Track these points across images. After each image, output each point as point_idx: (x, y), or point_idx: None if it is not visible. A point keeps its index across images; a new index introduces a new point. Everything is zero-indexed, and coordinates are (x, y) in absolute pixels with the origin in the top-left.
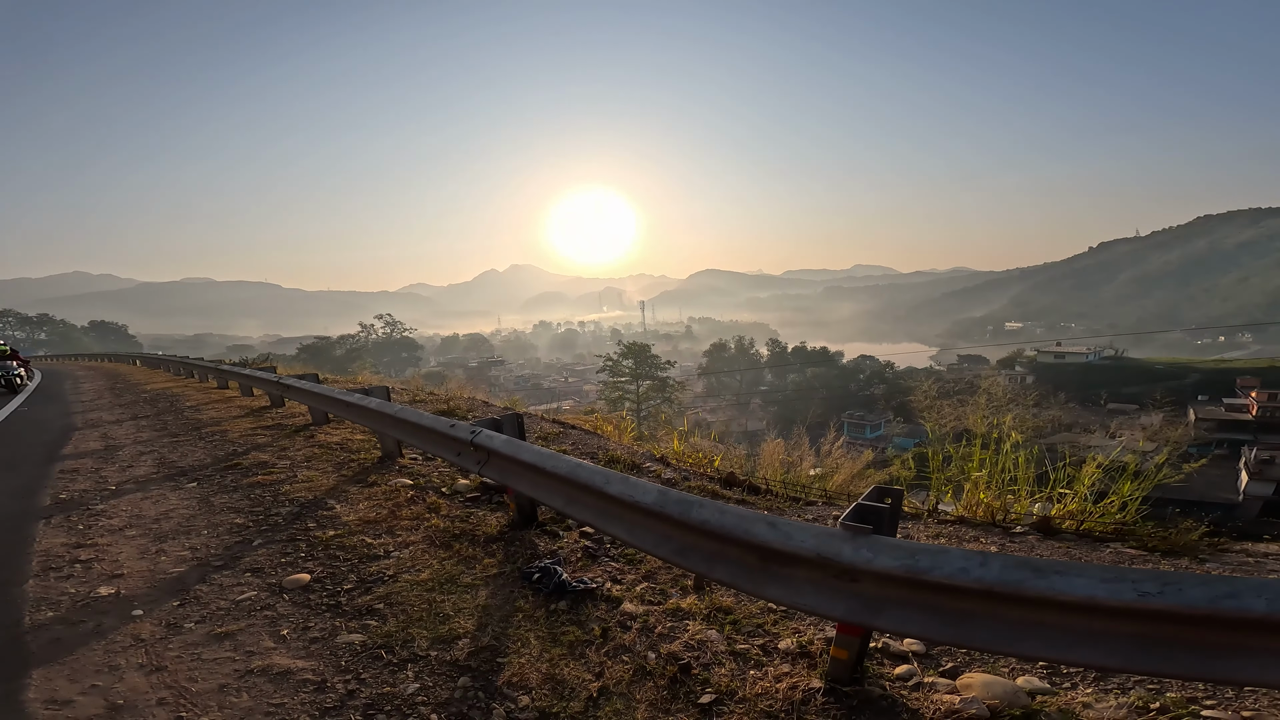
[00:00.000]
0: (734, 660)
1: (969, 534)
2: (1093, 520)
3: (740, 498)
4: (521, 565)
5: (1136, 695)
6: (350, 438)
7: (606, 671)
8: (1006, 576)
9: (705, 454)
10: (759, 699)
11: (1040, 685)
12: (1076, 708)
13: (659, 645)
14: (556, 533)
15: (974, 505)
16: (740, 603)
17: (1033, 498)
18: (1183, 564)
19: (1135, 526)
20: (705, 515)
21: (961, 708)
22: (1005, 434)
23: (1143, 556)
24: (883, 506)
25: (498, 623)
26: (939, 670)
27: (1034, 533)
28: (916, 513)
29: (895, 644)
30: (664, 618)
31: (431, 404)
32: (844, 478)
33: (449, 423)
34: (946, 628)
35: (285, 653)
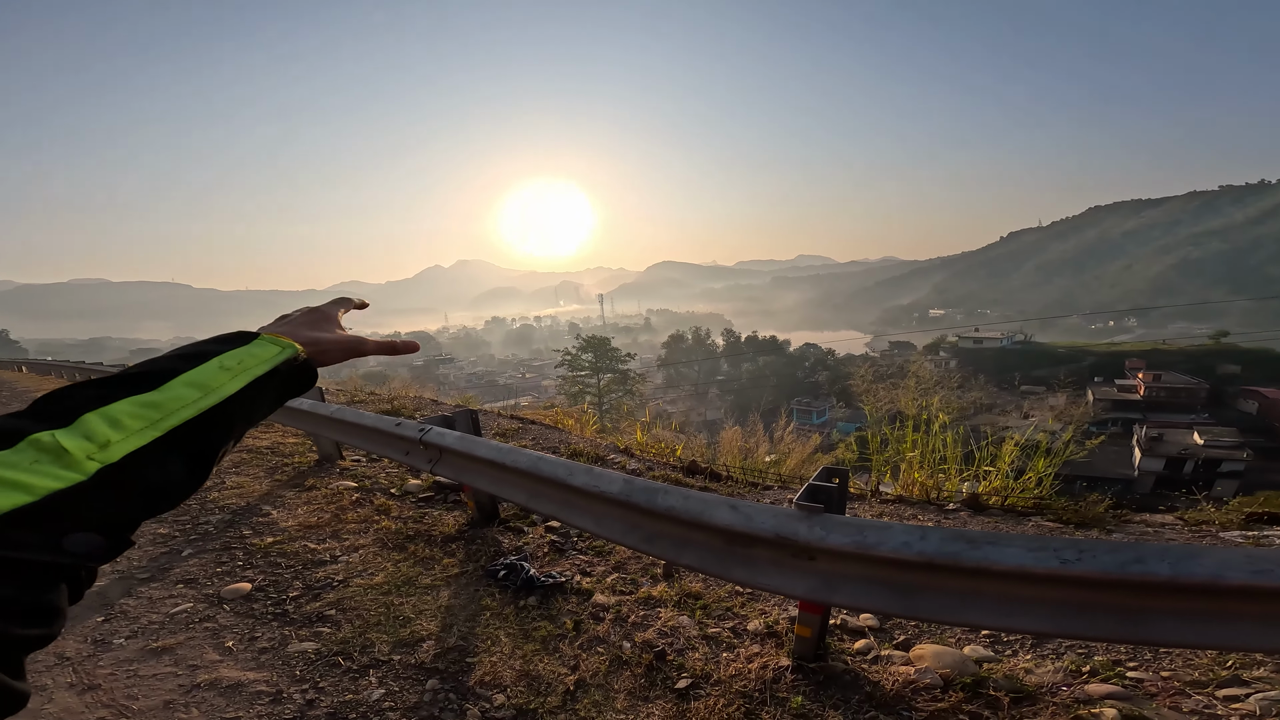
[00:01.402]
0: (707, 644)
1: (908, 512)
2: (1015, 496)
3: (703, 485)
4: (485, 563)
5: (1069, 660)
6: (281, 441)
7: (582, 664)
8: (944, 549)
9: (668, 444)
10: (733, 680)
11: (986, 653)
12: (1019, 673)
13: (633, 634)
14: (521, 529)
15: (910, 485)
16: (709, 587)
17: (961, 476)
18: (1093, 534)
19: (1051, 501)
20: (671, 502)
21: (917, 678)
22: (934, 416)
23: (1059, 528)
24: (831, 486)
25: (464, 623)
26: (893, 643)
27: (965, 509)
28: (861, 493)
29: (853, 620)
30: (636, 607)
31: (373, 404)
32: (795, 462)
33: (394, 421)
34: (896, 601)
35: (233, 665)
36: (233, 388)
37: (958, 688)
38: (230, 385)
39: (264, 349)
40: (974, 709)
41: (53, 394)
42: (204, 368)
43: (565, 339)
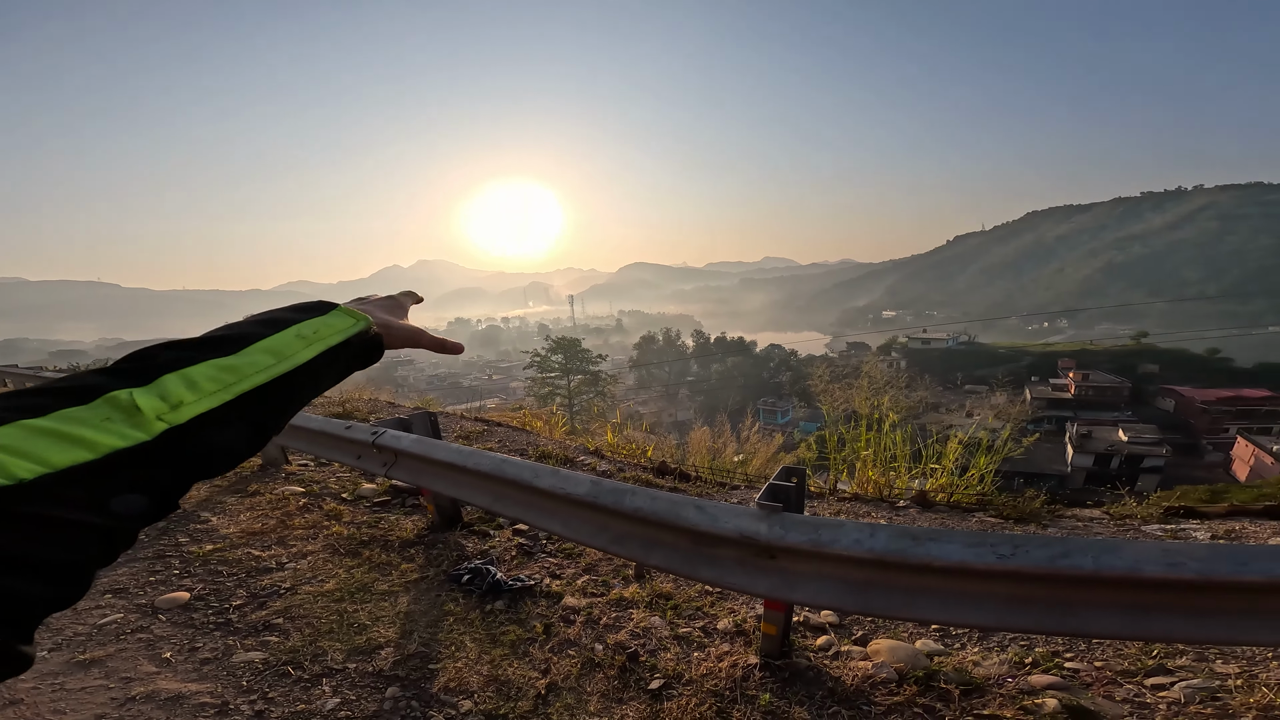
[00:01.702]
0: (678, 644)
1: (863, 509)
2: (960, 493)
3: (673, 485)
4: (448, 568)
5: (1013, 652)
6: None
7: (553, 667)
8: (892, 546)
9: (638, 445)
10: (704, 679)
11: (936, 647)
12: (968, 665)
13: (605, 636)
14: (486, 532)
15: (865, 483)
16: (680, 587)
17: (911, 474)
18: (1030, 529)
19: (993, 497)
20: (639, 503)
21: (874, 672)
22: (884, 415)
23: (1000, 524)
24: (790, 485)
25: (425, 629)
26: (852, 639)
27: (914, 506)
28: (820, 492)
29: (814, 616)
30: (608, 608)
31: (322, 406)
32: (761, 461)
33: (344, 424)
34: (850, 597)
35: (172, 676)
36: (306, 356)
37: (911, 681)
38: (304, 353)
39: (340, 319)
40: (927, 702)
41: (139, 352)
42: (282, 334)
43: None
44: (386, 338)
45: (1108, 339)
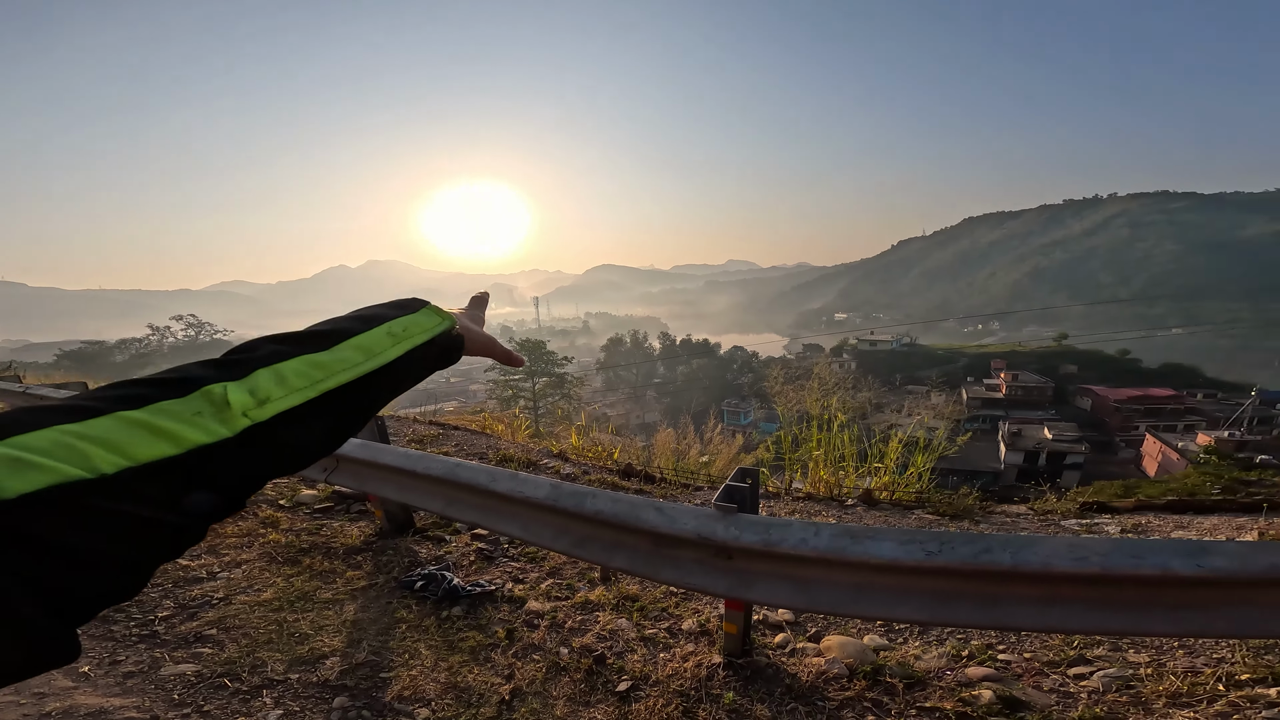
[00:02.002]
0: (645, 646)
1: (814, 508)
2: (901, 490)
3: (638, 487)
4: (399, 574)
5: (950, 645)
6: None
7: (517, 672)
8: (833, 544)
9: (604, 447)
10: (671, 679)
11: (882, 642)
12: (910, 659)
13: (571, 640)
14: (442, 537)
15: (817, 482)
16: (646, 589)
17: (859, 472)
18: (964, 525)
19: (930, 495)
20: (599, 505)
21: (827, 668)
22: (833, 415)
23: (937, 520)
24: (744, 486)
25: (375, 637)
26: (807, 636)
27: (861, 504)
28: (777, 492)
29: (773, 615)
30: (573, 612)
31: None
32: (724, 461)
33: None
34: (799, 595)
35: (92, 691)
36: (393, 354)
37: (860, 676)
38: (392, 351)
39: (428, 318)
40: (875, 696)
41: (245, 344)
42: (374, 331)
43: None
44: (466, 342)
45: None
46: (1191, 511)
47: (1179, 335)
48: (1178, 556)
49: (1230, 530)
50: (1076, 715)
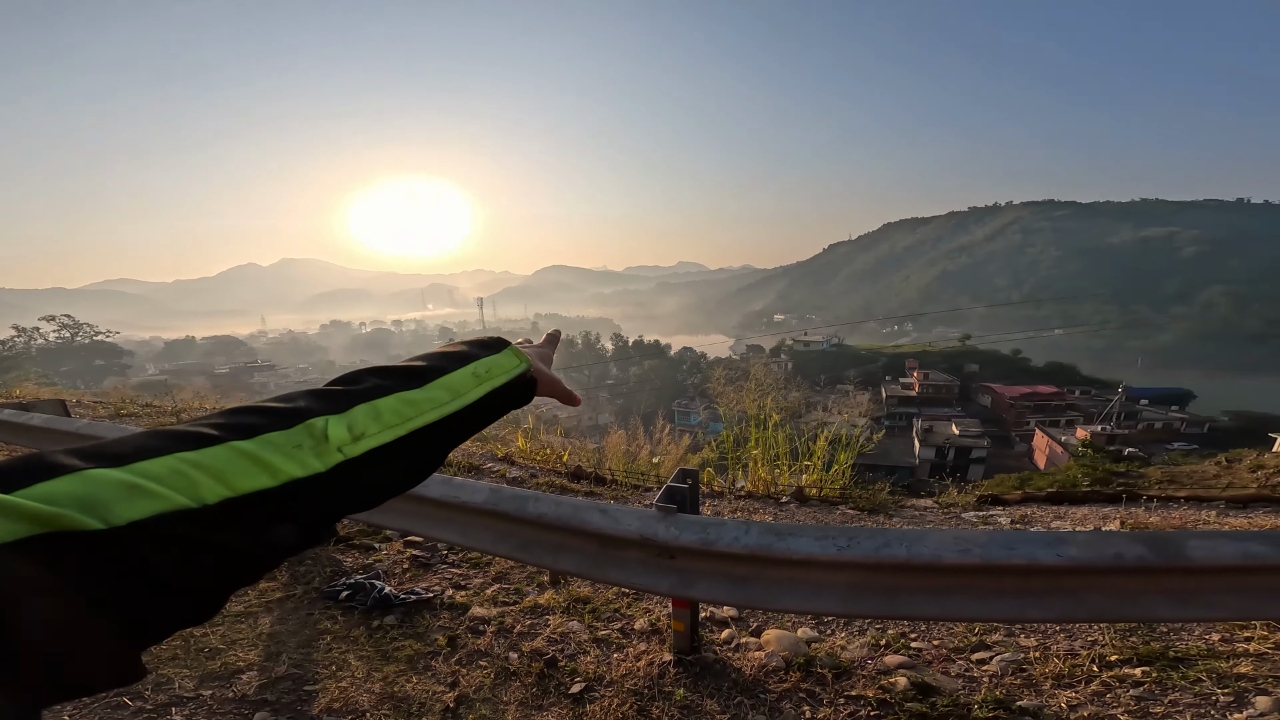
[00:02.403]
0: (598, 647)
1: (754, 506)
2: (828, 487)
3: (589, 489)
4: (321, 585)
5: (870, 635)
6: None
7: (462, 679)
8: (761, 542)
9: (554, 450)
10: (625, 679)
11: (813, 634)
12: (837, 650)
13: (520, 644)
14: (370, 545)
15: (756, 481)
16: (598, 591)
17: (792, 470)
18: (880, 519)
19: (852, 491)
20: (542, 509)
21: (766, 661)
22: (769, 415)
23: (858, 515)
24: (684, 487)
25: (295, 649)
26: (749, 631)
27: (794, 501)
28: (722, 491)
29: (719, 611)
30: (522, 616)
31: (148, 418)
32: (672, 462)
33: None
34: (734, 591)
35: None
36: (475, 395)
37: (795, 668)
38: (475, 392)
39: (508, 359)
40: (809, 686)
41: (349, 375)
42: (461, 371)
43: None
44: (538, 383)
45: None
46: (1068, 502)
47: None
48: (1042, 547)
49: (1097, 520)
50: (980, 698)
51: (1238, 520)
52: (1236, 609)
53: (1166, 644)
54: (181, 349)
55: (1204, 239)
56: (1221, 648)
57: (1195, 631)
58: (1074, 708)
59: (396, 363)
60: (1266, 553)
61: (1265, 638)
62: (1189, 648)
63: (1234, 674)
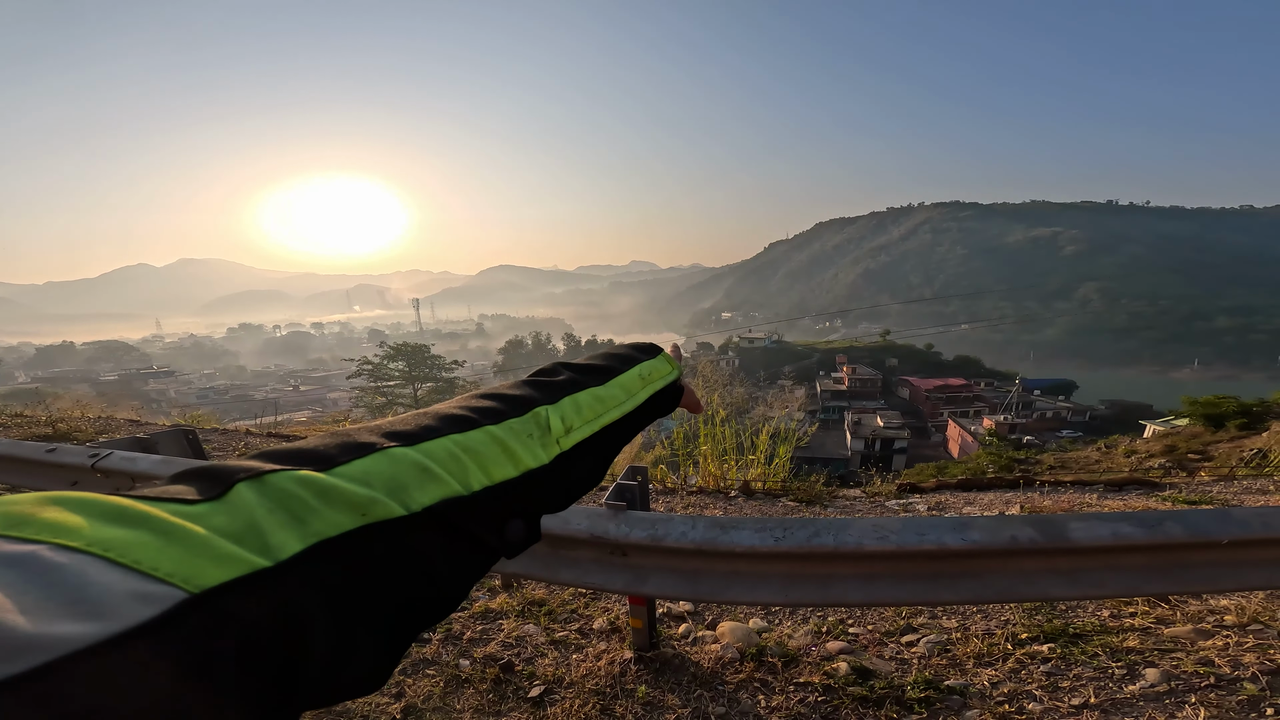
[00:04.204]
0: (555, 649)
1: (705, 501)
2: (771, 480)
3: None
4: None
5: (813, 623)
6: None
7: (408, 690)
8: (707, 535)
9: None
10: (585, 679)
11: (763, 625)
12: (785, 639)
13: (471, 650)
14: None
15: (707, 476)
16: (553, 592)
17: (740, 465)
18: (816, 509)
19: (792, 483)
20: None
21: (722, 653)
22: (715, 411)
23: (797, 507)
24: (634, 484)
25: None
26: (705, 624)
27: (741, 494)
28: (674, 488)
29: (675, 607)
30: (472, 622)
31: (20, 427)
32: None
33: (45, 447)
34: (685, 586)
35: None
36: (642, 396)
37: (749, 658)
38: (642, 394)
39: (664, 364)
40: (761, 675)
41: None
42: (631, 372)
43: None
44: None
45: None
46: (976, 489)
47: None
48: (948, 532)
49: (1001, 504)
50: (911, 679)
51: (1114, 502)
52: (1116, 587)
53: (1066, 621)
54: (57, 355)
55: (1081, 238)
56: (1111, 623)
57: (1089, 609)
58: (995, 685)
59: (581, 360)
60: (1135, 533)
61: (1147, 613)
62: (1085, 624)
63: (1124, 648)
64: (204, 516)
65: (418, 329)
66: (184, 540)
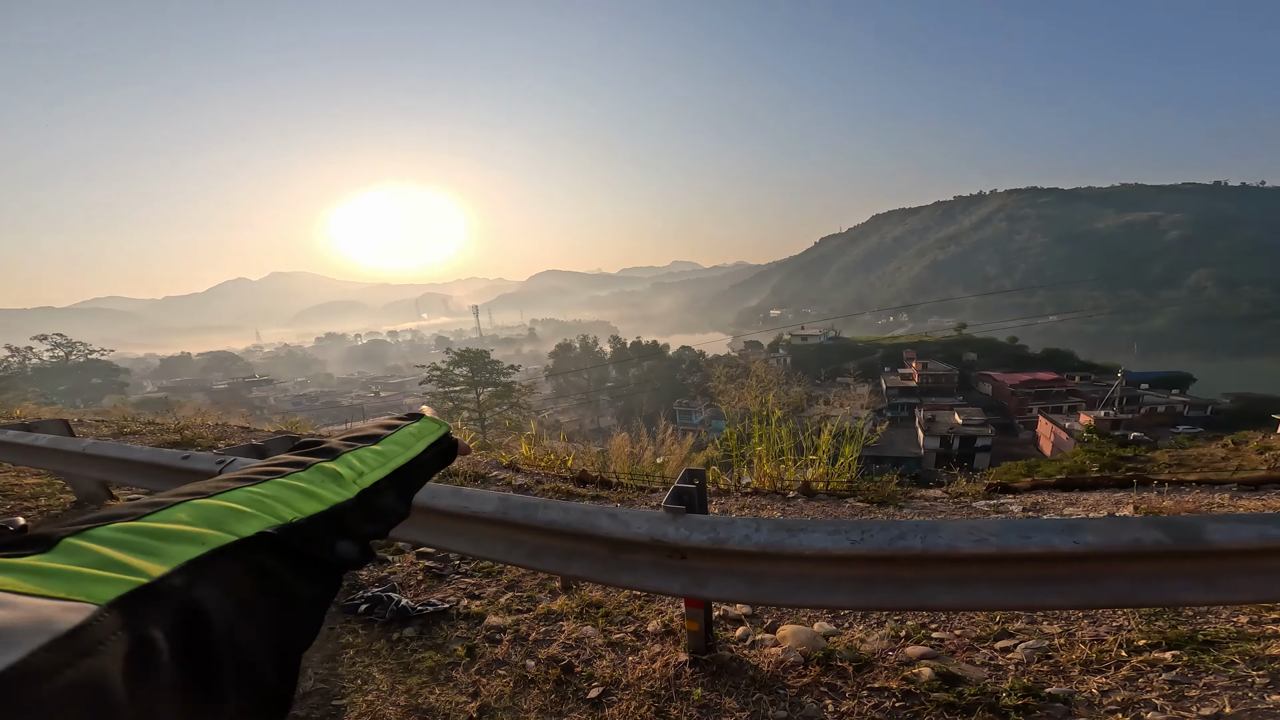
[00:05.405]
0: (612, 651)
1: (761, 502)
2: (835, 480)
3: (594, 494)
4: (340, 599)
5: (889, 627)
6: (17, 483)
7: (483, 689)
8: (772, 538)
9: (558, 455)
10: (641, 681)
11: (830, 628)
12: (856, 643)
13: (536, 651)
14: (383, 558)
15: (762, 477)
16: (609, 595)
17: (798, 465)
18: (889, 511)
19: (860, 483)
20: (552, 516)
21: (784, 657)
22: (771, 411)
23: (866, 508)
24: (692, 487)
25: (320, 665)
26: (764, 627)
27: (801, 496)
28: (728, 489)
29: (732, 609)
30: (536, 623)
31: (152, 435)
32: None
33: (180, 454)
34: (748, 589)
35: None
36: (420, 448)
37: (814, 662)
38: (418, 445)
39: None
40: (829, 680)
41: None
42: (401, 432)
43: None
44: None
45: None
46: (1078, 489)
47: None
48: (1058, 534)
49: (1110, 505)
50: (1007, 686)
51: (1251, 502)
52: (1259, 592)
53: (1194, 628)
54: (178, 365)
55: (1186, 222)
56: (1251, 630)
57: (1222, 615)
58: (1106, 693)
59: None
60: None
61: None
62: (1218, 631)
63: (1266, 655)
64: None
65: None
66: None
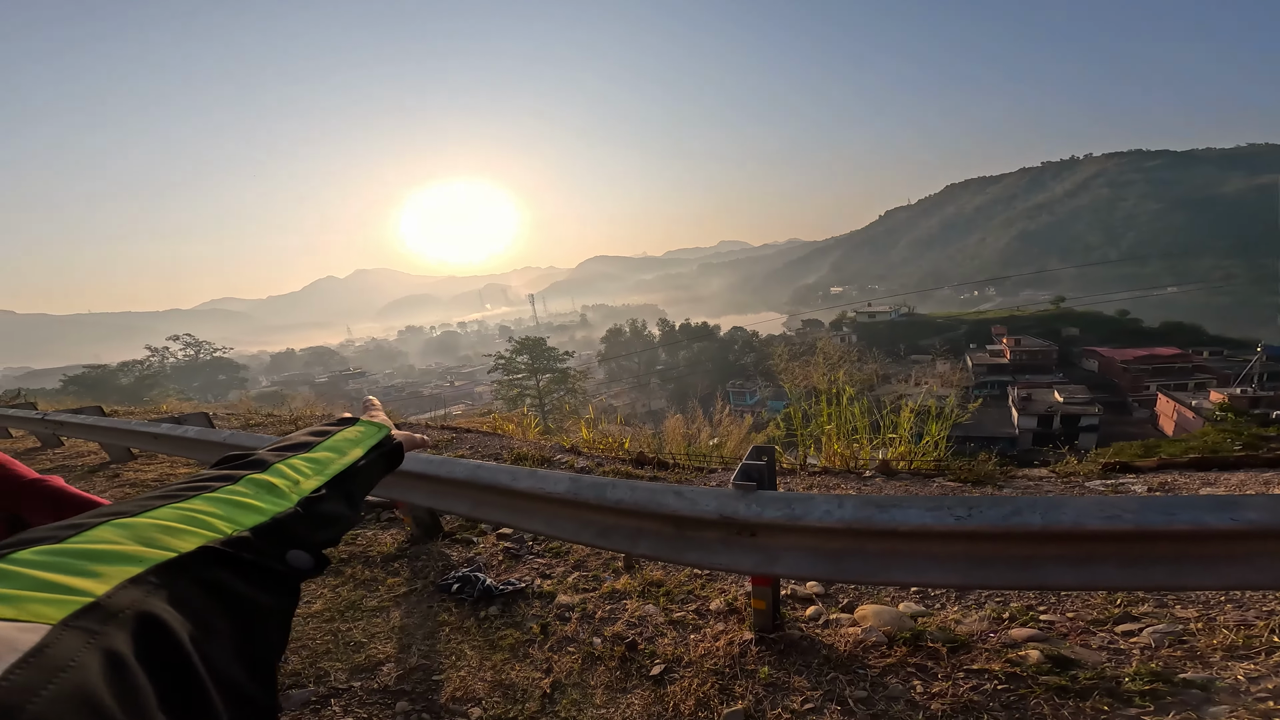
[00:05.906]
0: (674, 629)
1: (832, 482)
2: (919, 460)
3: (652, 474)
4: (435, 578)
5: (990, 608)
6: (171, 472)
7: (555, 666)
8: (859, 514)
9: (615, 438)
10: (704, 659)
11: (918, 609)
12: (950, 624)
13: (602, 629)
14: (470, 539)
15: (832, 456)
16: (670, 574)
17: (873, 444)
18: (986, 490)
19: (949, 462)
20: (620, 495)
21: (864, 636)
22: (841, 389)
23: (958, 487)
24: (762, 464)
25: (422, 641)
26: (839, 607)
27: (879, 475)
28: (791, 468)
29: (801, 588)
30: (601, 602)
31: (273, 426)
32: (734, 443)
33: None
34: (827, 566)
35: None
36: (358, 452)
37: (900, 642)
38: (356, 450)
39: (372, 427)
40: (919, 661)
41: (235, 455)
42: (336, 438)
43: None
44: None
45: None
46: (1216, 469)
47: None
48: (1210, 511)
49: (1259, 485)
50: (1131, 670)
51: None
52: None
53: None
54: (285, 361)
55: None
56: None
57: None
58: (1254, 680)
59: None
60: None
61: None
62: None
63: None
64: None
65: (534, 323)
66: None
